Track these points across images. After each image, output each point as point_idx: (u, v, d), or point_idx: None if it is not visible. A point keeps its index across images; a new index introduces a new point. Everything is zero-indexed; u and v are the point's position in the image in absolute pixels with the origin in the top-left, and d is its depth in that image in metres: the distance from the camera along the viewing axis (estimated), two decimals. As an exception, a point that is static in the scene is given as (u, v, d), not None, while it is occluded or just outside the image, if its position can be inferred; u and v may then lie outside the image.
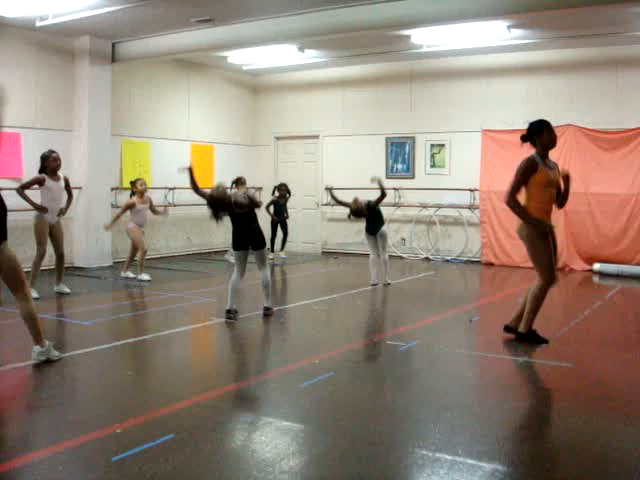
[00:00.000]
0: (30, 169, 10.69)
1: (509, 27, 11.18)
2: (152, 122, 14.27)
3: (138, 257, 11.39)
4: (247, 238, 8.02)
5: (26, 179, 9.97)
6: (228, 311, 8.08)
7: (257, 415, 4.82)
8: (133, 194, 11.57)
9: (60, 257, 9.77)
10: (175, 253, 14.41)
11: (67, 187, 9.77)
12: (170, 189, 14.10)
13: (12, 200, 11.34)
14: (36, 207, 9.44)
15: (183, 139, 14.95)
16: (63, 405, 5.10)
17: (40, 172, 9.54)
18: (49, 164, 9.51)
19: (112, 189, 13.09)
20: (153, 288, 10.57)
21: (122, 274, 11.48)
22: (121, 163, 13.54)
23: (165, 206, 13.00)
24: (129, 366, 6.55)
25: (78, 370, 6.18)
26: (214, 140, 15.75)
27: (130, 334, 7.65)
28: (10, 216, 11.06)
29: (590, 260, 12.71)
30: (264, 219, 14.77)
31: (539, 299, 6.91)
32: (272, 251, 14.24)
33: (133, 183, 11.66)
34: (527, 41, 12.16)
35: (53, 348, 6.20)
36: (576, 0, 9.12)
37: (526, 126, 7.01)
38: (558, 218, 12.50)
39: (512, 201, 6.75)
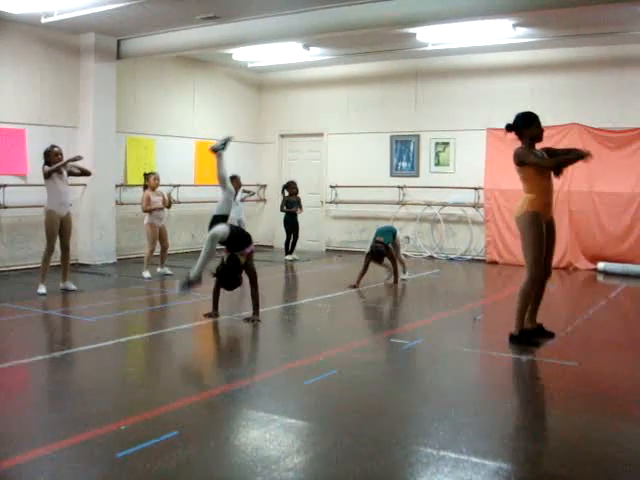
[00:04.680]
0: (35, 165, 10.71)
1: (514, 25, 11.16)
2: (157, 119, 14.27)
3: (145, 253, 11.38)
4: None
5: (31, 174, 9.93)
6: None
7: (261, 412, 4.82)
8: (145, 187, 11.35)
9: (65, 251, 9.71)
10: (179, 250, 14.41)
11: (73, 173, 9.77)
12: (175, 186, 14.08)
13: (17, 198, 11.46)
14: (72, 159, 9.51)
15: (188, 136, 14.94)
16: (67, 401, 5.10)
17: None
18: (51, 159, 9.50)
19: (116, 186, 13.09)
20: (157, 285, 10.58)
21: (158, 270, 11.44)
22: (125, 160, 13.55)
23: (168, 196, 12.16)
24: (133, 363, 6.56)
25: (82, 367, 6.19)
26: (219, 137, 15.60)
27: (133, 331, 7.67)
28: (15, 212, 11.27)
29: (594, 259, 12.69)
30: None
31: (526, 296, 6.82)
32: (286, 253, 14.19)
33: (147, 176, 11.42)
34: (533, 39, 12.13)
35: None
36: (581, -1, 9.12)
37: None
38: (562, 216, 12.53)
39: (554, 165, 6.72)
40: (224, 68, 15.63)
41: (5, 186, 11.26)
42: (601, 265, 12.45)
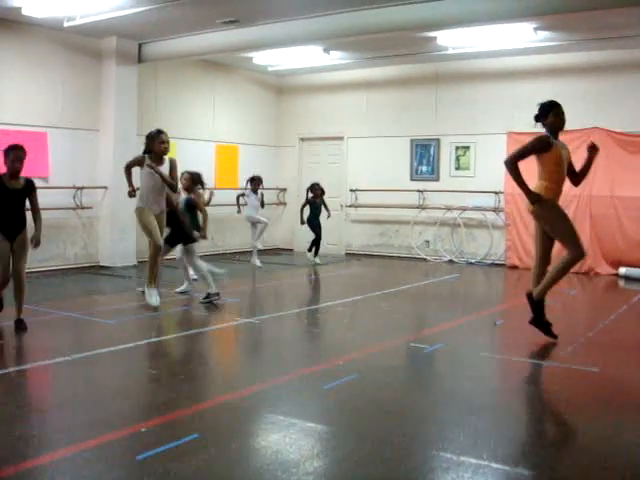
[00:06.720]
0: (57, 168, 10.74)
1: (535, 29, 11.11)
2: (177, 122, 14.31)
3: None
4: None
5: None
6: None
7: (281, 416, 4.81)
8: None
9: (158, 250, 8.53)
10: (198, 253, 14.40)
11: (171, 171, 8.38)
12: (194, 189, 14.09)
13: (40, 199, 11.48)
14: (129, 189, 8.44)
15: (208, 139, 14.99)
16: (87, 403, 5.12)
17: (144, 153, 8.44)
18: (154, 147, 8.25)
19: (137, 189, 13.11)
20: (176, 288, 10.60)
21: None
22: (146, 163, 13.59)
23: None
24: (153, 365, 6.58)
25: (103, 369, 6.21)
26: (239, 141, 15.78)
27: (154, 333, 7.68)
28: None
29: (616, 264, 12.58)
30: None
31: (565, 270, 6.93)
32: (309, 250, 14.07)
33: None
34: (554, 43, 12.08)
35: None
36: (603, 2, 9.06)
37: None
38: (583, 221, 12.43)
39: (511, 164, 6.78)
40: (244, 72, 15.68)
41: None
42: (622, 270, 12.35)
